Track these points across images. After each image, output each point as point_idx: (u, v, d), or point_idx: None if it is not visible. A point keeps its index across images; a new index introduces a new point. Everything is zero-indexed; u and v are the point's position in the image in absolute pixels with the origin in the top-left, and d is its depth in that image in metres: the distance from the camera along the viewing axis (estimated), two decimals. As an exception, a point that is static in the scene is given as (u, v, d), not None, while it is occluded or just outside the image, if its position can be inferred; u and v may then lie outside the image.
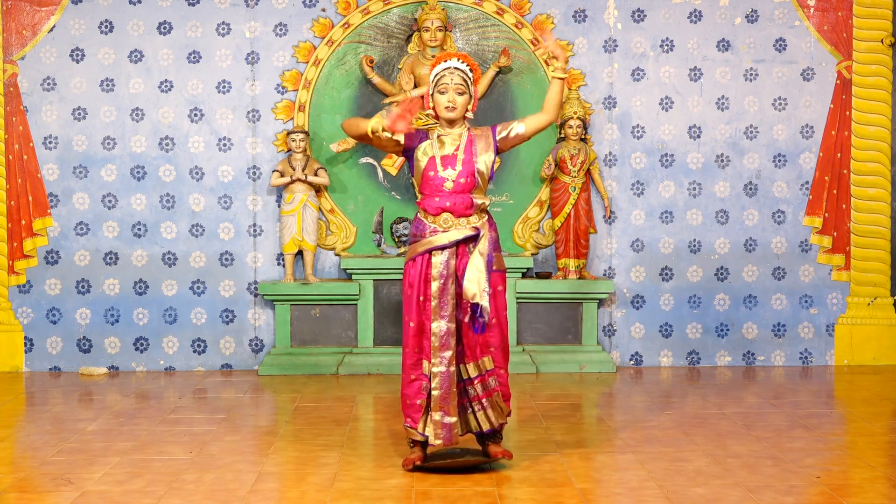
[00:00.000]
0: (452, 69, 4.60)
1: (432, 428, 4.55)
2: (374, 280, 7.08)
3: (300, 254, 7.19)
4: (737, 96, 7.37)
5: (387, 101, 7.14)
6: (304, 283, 7.07)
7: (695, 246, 7.39)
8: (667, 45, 7.33)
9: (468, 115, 4.66)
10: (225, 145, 7.26)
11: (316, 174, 7.09)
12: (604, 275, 7.36)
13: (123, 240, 7.25)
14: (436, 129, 4.67)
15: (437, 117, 4.68)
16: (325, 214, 7.27)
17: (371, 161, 7.27)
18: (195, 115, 7.25)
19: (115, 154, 7.24)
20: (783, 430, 5.38)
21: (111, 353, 7.27)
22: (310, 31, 7.24)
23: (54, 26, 7.17)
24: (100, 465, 4.77)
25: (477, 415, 4.63)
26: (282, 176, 7.07)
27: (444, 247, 4.55)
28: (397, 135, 4.51)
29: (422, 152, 4.62)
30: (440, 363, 4.52)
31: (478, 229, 4.58)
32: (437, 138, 4.63)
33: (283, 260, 7.19)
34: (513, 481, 4.48)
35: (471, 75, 4.63)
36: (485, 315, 4.49)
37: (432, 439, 4.56)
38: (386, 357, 7.04)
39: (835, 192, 7.39)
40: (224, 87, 7.24)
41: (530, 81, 7.28)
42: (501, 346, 4.64)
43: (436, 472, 4.59)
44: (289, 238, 7.09)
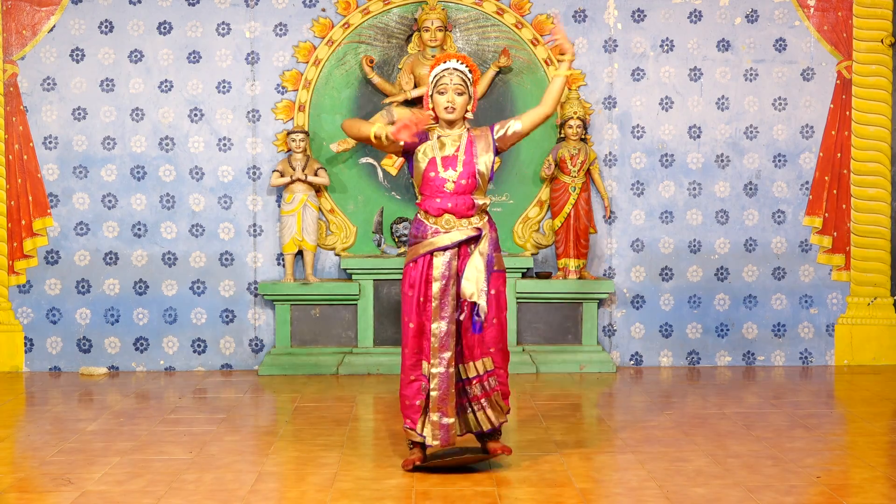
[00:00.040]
0: (451, 70, 4.60)
1: (430, 428, 4.55)
2: (374, 280, 7.08)
3: (300, 254, 7.19)
4: (737, 96, 7.37)
5: (387, 101, 7.14)
6: (304, 283, 7.07)
7: (695, 246, 7.39)
8: (667, 45, 7.33)
9: (468, 115, 4.66)
10: (225, 145, 7.26)
11: (316, 174, 7.10)
12: (604, 275, 7.36)
13: (123, 240, 7.25)
14: (435, 130, 4.67)
15: (436, 118, 4.68)
16: (325, 214, 7.27)
17: (371, 161, 7.28)
18: (195, 115, 7.25)
19: (115, 154, 7.24)
20: (783, 430, 5.38)
21: (111, 353, 7.27)
22: (310, 31, 7.24)
23: (54, 26, 7.17)
24: (100, 465, 4.77)
25: (477, 415, 4.63)
26: (282, 176, 7.08)
27: (446, 248, 4.55)
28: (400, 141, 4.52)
29: (422, 153, 4.61)
30: (439, 364, 4.52)
31: (480, 230, 4.58)
32: (438, 139, 4.63)
33: (283, 260, 7.19)
34: (513, 481, 4.48)
35: (470, 76, 4.63)
36: (481, 314, 4.49)
37: (430, 440, 4.55)
38: (386, 357, 7.04)
39: (835, 192, 7.39)
40: (224, 87, 7.24)
41: (530, 81, 7.28)
42: (501, 346, 4.65)
43: (435, 471, 4.60)
44: (289, 238, 7.09)
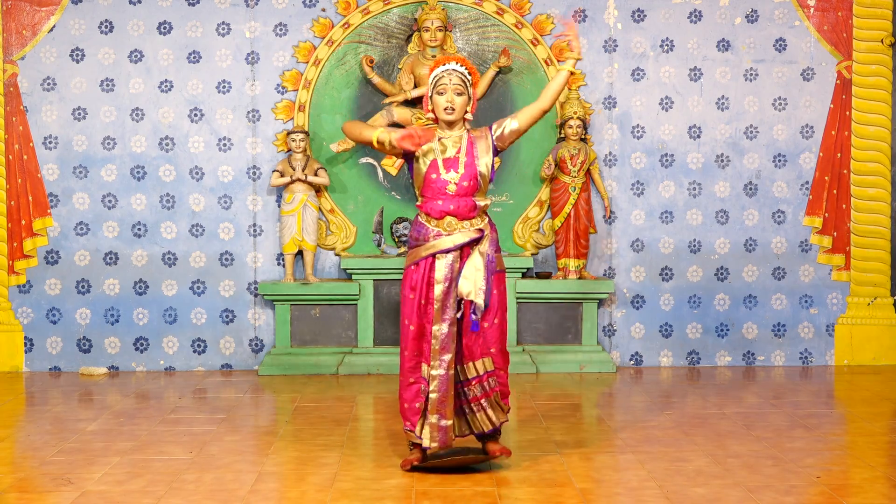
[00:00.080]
0: (451, 71, 4.60)
1: (428, 430, 4.54)
2: (374, 280, 7.08)
3: (300, 254, 7.18)
4: (737, 96, 7.37)
5: (387, 101, 7.14)
6: (304, 283, 7.07)
7: (695, 246, 7.39)
8: (667, 45, 7.33)
9: (468, 116, 4.66)
10: (225, 145, 7.26)
11: (316, 174, 7.09)
12: (604, 275, 7.36)
13: (123, 240, 7.25)
14: (436, 132, 4.66)
15: (436, 120, 4.68)
16: (325, 214, 7.27)
17: (371, 161, 7.28)
18: (195, 115, 7.25)
19: (115, 154, 7.24)
20: (783, 430, 5.38)
21: (111, 353, 7.27)
22: (310, 31, 7.24)
23: (54, 26, 7.17)
24: (100, 465, 4.77)
25: (477, 415, 4.62)
26: (282, 176, 7.07)
27: (448, 250, 4.55)
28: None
29: (423, 155, 4.61)
30: (439, 366, 4.52)
31: (482, 231, 4.58)
32: (438, 141, 4.62)
33: (283, 260, 7.19)
34: (513, 481, 4.48)
35: (469, 77, 4.63)
36: (477, 313, 4.49)
37: (428, 442, 4.54)
38: (386, 357, 7.04)
39: (835, 192, 7.39)
40: (224, 87, 7.24)
41: (530, 81, 7.28)
42: (501, 347, 4.64)
43: (435, 471, 4.60)
44: (289, 238, 7.08)
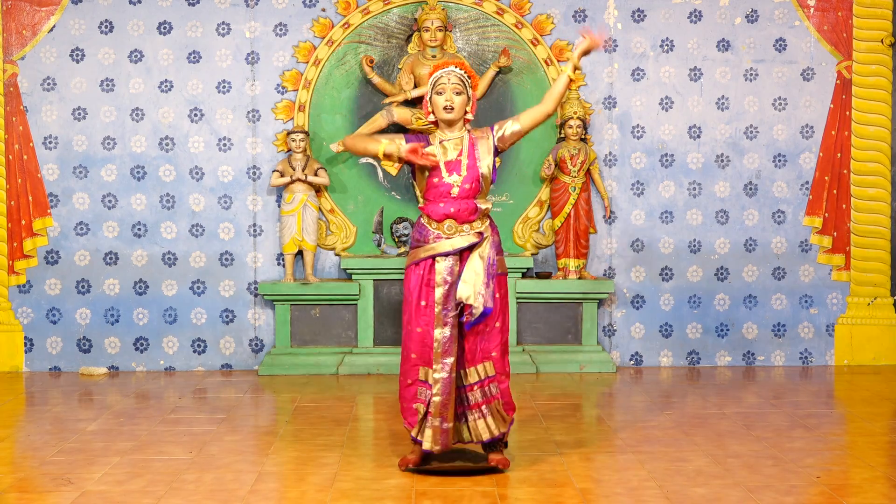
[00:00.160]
0: (450, 71, 4.61)
1: (430, 433, 4.52)
2: (374, 280, 7.08)
3: (300, 254, 7.19)
4: (737, 96, 7.37)
5: (387, 101, 7.14)
6: (304, 283, 7.07)
7: (695, 246, 7.39)
8: (667, 45, 7.33)
9: (468, 116, 4.66)
10: (225, 145, 7.26)
11: (316, 174, 7.10)
12: (604, 275, 7.36)
13: (123, 240, 7.25)
14: (437, 134, 4.66)
15: (436, 122, 4.67)
16: (325, 214, 7.27)
17: (371, 161, 7.27)
18: (195, 115, 7.25)
19: (115, 154, 7.24)
20: (783, 430, 5.38)
21: (111, 353, 7.27)
22: (310, 31, 7.24)
23: (54, 26, 7.17)
24: (100, 465, 4.77)
25: (477, 423, 4.59)
26: (282, 176, 7.07)
27: (447, 253, 4.55)
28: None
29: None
30: (442, 369, 4.51)
31: (481, 235, 4.57)
32: (440, 144, 4.61)
33: (283, 260, 7.19)
34: (513, 481, 4.48)
35: (468, 79, 4.63)
36: (474, 314, 4.48)
37: (430, 445, 4.52)
38: (386, 357, 7.04)
39: (835, 192, 7.39)
40: (224, 87, 7.24)
41: (530, 81, 7.28)
42: (503, 351, 4.61)
43: (433, 473, 4.59)
44: (289, 238, 7.08)
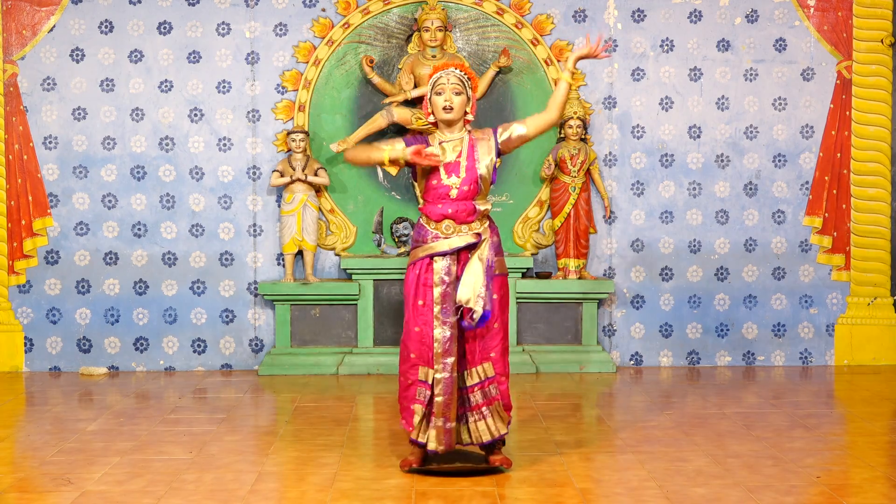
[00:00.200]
0: (449, 72, 4.62)
1: (434, 434, 4.52)
2: (374, 280, 7.08)
3: (300, 254, 7.19)
4: (737, 96, 7.37)
5: (387, 101, 7.14)
6: (304, 283, 7.07)
7: (695, 246, 7.39)
8: (667, 45, 7.33)
9: (468, 117, 4.66)
10: (225, 145, 7.26)
11: (316, 174, 7.10)
12: (604, 275, 7.36)
13: (123, 240, 7.25)
14: (436, 135, 4.65)
15: (435, 123, 4.67)
16: (325, 214, 7.27)
17: (371, 161, 7.27)
18: (195, 115, 7.25)
19: (115, 154, 7.24)
20: (783, 430, 5.38)
21: (111, 353, 7.27)
22: (310, 31, 7.24)
23: (54, 26, 7.17)
24: (100, 465, 4.77)
25: (477, 424, 4.59)
26: (282, 176, 7.07)
27: (444, 253, 4.55)
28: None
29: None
30: (443, 369, 4.51)
31: (479, 235, 4.57)
32: (439, 145, 4.61)
33: (283, 260, 7.19)
34: (513, 481, 4.48)
35: (468, 80, 4.63)
36: (475, 318, 4.48)
37: (435, 445, 4.52)
38: (386, 357, 7.04)
39: (835, 192, 7.39)
40: (224, 87, 7.24)
41: (530, 81, 7.28)
42: (502, 352, 4.61)
43: (434, 474, 4.59)
44: (289, 238, 7.09)
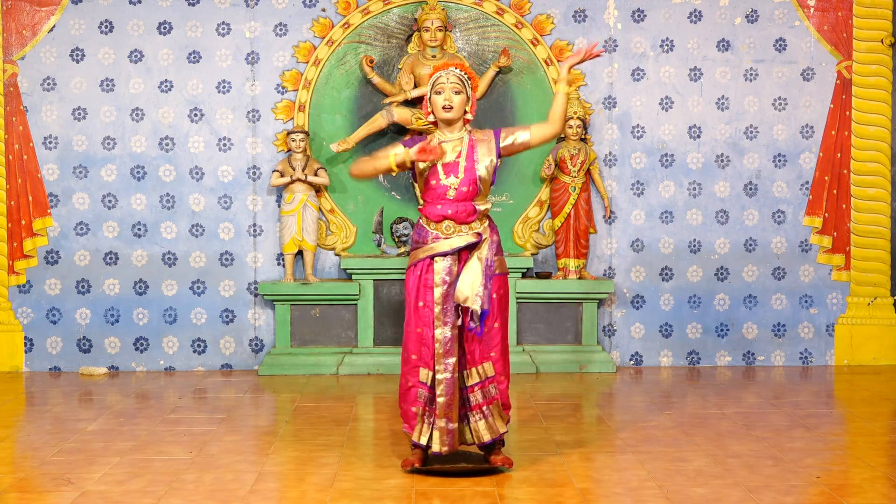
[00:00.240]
0: (449, 71, 4.62)
1: (438, 435, 4.51)
2: (374, 280, 7.08)
3: (300, 254, 7.19)
4: (737, 96, 7.37)
5: (387, 101, 7.14)
6: (304, 283, 7.07)
7: (695, 246, 7.39)
8: (667, 45, 7.33)
9: (468, 116, 4.66)
10: (225, 145, 7.26)
11: (316, 174, 7.10)
12: (604, 275, 7.36)
13: (123, 240, 7.25)
14: (435, 135, 4.65)
15: (435, 123, 4.67)
16: (325, 214, 7.27)
17: (371, 161, 7.26)
18: (195, 115, 7.25)
19: (115, 154, 7.24)
20: (783, 430, 5.38)
21: (111, 353, 7.27)
22: (310, 31, 7.24)
23: (54, 26, 7.17)
24: (100, 465, 4.77)
25: (478, 424, 4.59)
26: (282, 176, 7.07)
27: (445, 253, 4.55)
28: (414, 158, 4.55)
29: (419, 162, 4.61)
30: (444, 370, 4.51)
31: (480, 235, 4.57)
32: (439, 144, 4.61)
33: (283, 260, 7.19)
34: (513, 481, 4.48)
35: (468, 80, 4.63)
36: (475, 318, 4.48)
37: (439, 447, 4.52)
38: (386, 357, 7.04)
39: (835, 192, 7.39)
40: (224, 87, 7.24)
41: (530, 81, 7.28)
42: (502, 351, 4.60)
43: (435, 474, 4.59)
44: (289, 238, 7.08)
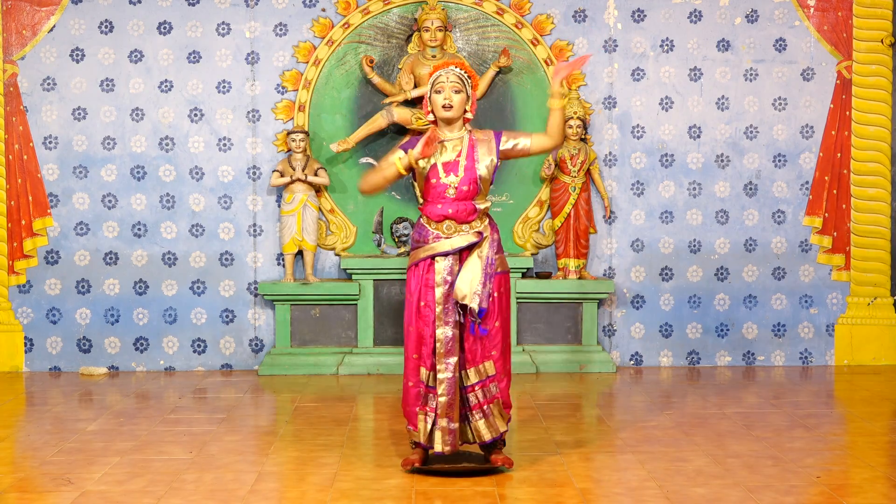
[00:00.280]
0: (449, 70, 4.62)
1: (440, 435, 4.51)
2: (374, 280, 7.08)
3: (300, 254, 7.19)
4: (737, 96, 7.37)
5: (387, 101, 7.14)
6: (304, 283, 7.07)
7: (695, 246, 7.39)
8: (667, 45, 7.33)
9: (468, 115, 4.66)
10: (225, 145, 7.26)
11: (316, 174, 7.10)
12: (604, 275, 7.36)
13: (123, 240, 7.25)
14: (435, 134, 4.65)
15: (435, 122, 4.67)
16: (325, 214, 7.27)
17: (371, 161, 7.26)
18: (195, 115, 7.25)
19: (115, 154, 7.24)
20: (783, 430, 5.38)
21: (111, 353, 7.27)
22: (310, 31, 7.24)
23: (54, 26, 7.17)
24: (100, 465, 4.77)
25: (479, 423, 4.58)
26: (282, 176, 7.07)
27: (446, 253, 4.55)
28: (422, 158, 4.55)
29: (424, 159, 4.60)
30: (446, 369, 4.51)
31: (481, 234, 4.57)
32: (439, 143, 4.61)
33: (283, 260, 7.19)
34: (513, 481, 4.48)
35: (468, 79, 4.63)
36: (473, 316, 4.48)
37: (441, 447, 4.52)
38: (386, 357, 7.04)
39: (835, 192, 7.39)
40: (224, 87, 7.24)
41: (530, 81, 7.28)
42: (503, 350, 4.60)
43: (436, 474, 4.59)
44: (289, 238, 7.09)
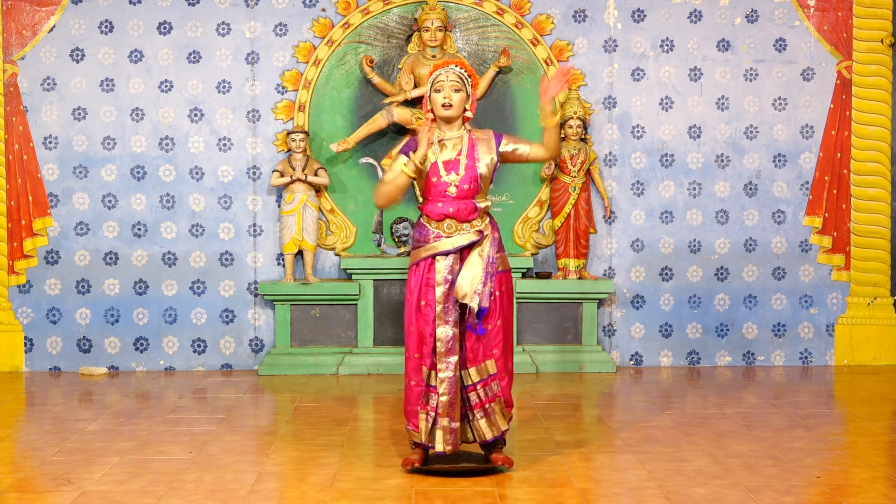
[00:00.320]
0: (449, 69, 4.62)
1: (441, 434, 4.51)
2: (374, 280, 7.08)
3: (300, 254, 7.19)
4: (737, 96, 7.37)
5: (387, 101, 7.14)
6: (304, 283, 7.07)
7: (695, 246, 7.39)
8: (667, 45, 7.33)
9: (468, 115, 4.66)
10: (225, 145, 7.26)
11: (316, 174, 7.10)
12: (604, 275, 7.36)
13: (123, 240, 7.25)
14: (435, 133, 4.65)
15: (434, 120, 4.67)
16: (325, 214, 7.27)
17: (371, 161, 7.27)
18: (195, 115, 7.25)
19: (115, 154, 7.24)
20: (783, 430, 5.38)
21: (111, 353, 7.27)
22: (310, 31, 7.24)
23: (54, 26, 7.17)
24: (100, 465, 4.77)
25: (480, 422, 4.59)
26: (282, 176, 7.07)
27: (447, 252, 4.55)
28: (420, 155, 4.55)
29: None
30: (447, 368, 4.51)
31: (482, 233, 4.57)
32: (439, 142, 4.61)
33: (283, 260, 7.19)
34: (513, 481, 4.48)
35: (468, 78, 4.63)
36: (477, 317, 4.49)
37: (443, 446, 4.51)
38: (386, 357, 7.04)
39: (835, 192, 7.39)
40: (224, 87, 7.24)
41: (530, 81, 7.28)
42: (504, 349, 4.60)
43: (436, 474, 4.59)
44: (289, 238, 7.08)
